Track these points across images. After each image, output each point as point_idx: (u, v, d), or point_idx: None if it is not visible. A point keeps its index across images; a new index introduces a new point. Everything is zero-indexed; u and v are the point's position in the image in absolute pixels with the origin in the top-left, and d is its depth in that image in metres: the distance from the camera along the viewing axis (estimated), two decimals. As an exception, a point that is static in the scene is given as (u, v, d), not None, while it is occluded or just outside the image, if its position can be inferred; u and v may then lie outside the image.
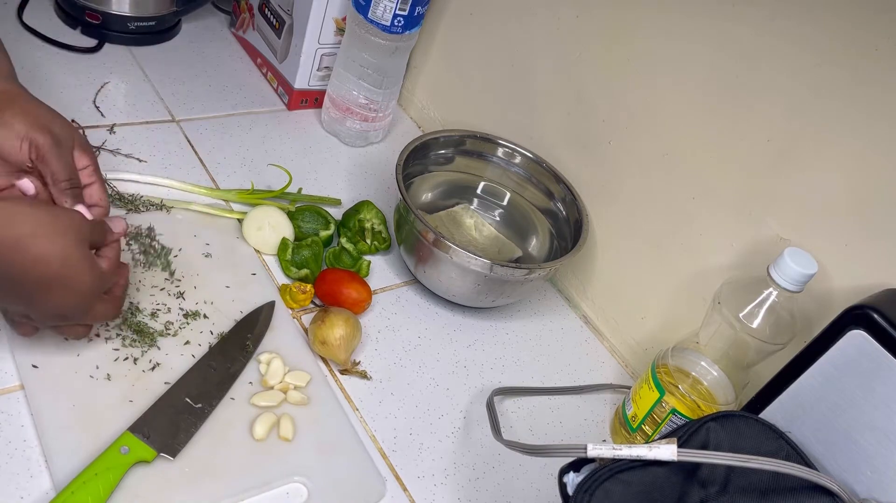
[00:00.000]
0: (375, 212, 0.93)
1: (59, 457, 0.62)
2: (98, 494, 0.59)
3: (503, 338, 0.90)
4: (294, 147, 1.02)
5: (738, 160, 0.79)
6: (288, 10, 1.03)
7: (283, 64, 1.06)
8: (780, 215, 0.76)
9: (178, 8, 1.08)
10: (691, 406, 0.75)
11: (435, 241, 0.82)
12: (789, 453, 0.62)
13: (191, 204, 0.86)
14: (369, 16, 0.94)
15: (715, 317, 0.73)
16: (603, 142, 0.92)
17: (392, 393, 0.79)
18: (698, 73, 0.81)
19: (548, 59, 0.97)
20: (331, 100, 1.04)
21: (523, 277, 0.84)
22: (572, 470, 0.61)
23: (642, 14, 0.85)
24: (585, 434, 0.83)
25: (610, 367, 0.92)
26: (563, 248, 0.93)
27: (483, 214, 1.01)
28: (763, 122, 0.76)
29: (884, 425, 0.62)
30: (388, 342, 0.84)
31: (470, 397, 0.82)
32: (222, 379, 0.72)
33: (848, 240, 0.72)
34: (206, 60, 1.09)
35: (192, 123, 0.99)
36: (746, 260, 0.79)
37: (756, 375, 0.75)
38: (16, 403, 0.65)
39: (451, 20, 1.09)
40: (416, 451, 0.75)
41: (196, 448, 0.66)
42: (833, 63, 0.70)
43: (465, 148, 0.99)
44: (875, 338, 0.61)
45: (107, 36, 1.04)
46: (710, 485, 0.58)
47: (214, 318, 0.77)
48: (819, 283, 0.72)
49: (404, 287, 0.91)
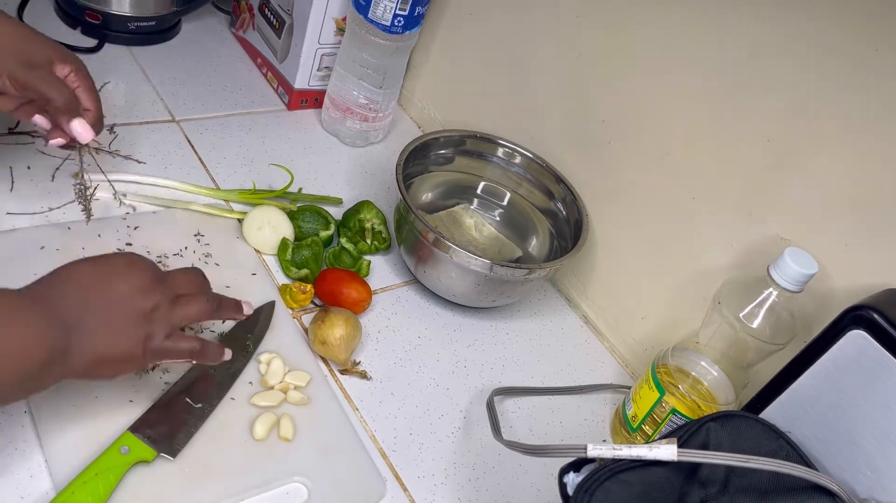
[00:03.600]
0: (375, 212, 0.93)
1: (59, 457, 0.62)
2: (98, 494, 0.59)
3: (503, 338, 0.90)
4: (294, 147, 1.02)
5: (738, 160, 0.79)
6: (288, 10, 1.03)
7: (284, 64, 1.06)
8: (780, 215, 0.76)
9: (178, 8, 1.08)
10: (691, 406, 0.75)
11: (435, 241, 0.82)
12: (789, 453, 0.62)
13: (191, 204, 0.86)
14: (369, 16, 0.94)
15: (715, 317, 0.73)
16: (603, 142, 0.92)
17: (392, 393, 0.79)
18: (698, 73, 0.81)
19: (548, 58, 0.97)
20: (331, 100, 1.04)
21: (523, 277, 0.84)
22: (572, 470, 0.61)
23: (642, 14, 0.85)
24: (585, 434, 0.83)
25: (610, 367, 0.92)
26: (563, 248, 0.93)
27: (483, 214, 1.01)
28: (763, 122, 0.76)
29: (884, 425, 0.62)
30: (388, 342, 0.84)
31: (470, 397, 0.82)
32: (222, 379, 0.72)
33: (848, 240, 0.72)
34: (206, 60, 1.09)
35: (192, 123, 0.99)
36: (746, 260, 0.79)
37: (756, 375, 0.75)
38: (16, 403, 0.65)
39: (451, 20, 1.09)
40: (416, 451, 0.75)
41: (196, 448, 0.66)
42: (833, 63, 0.70)
43: (465, 148, 0.99)
44: (875, 338, 0.61)
45: (107, 36, 1.04)
46: (710, 485, 0.58)
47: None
48: (819, 283, 0.72)
49: (404, 287, 0.91)
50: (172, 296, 0.62)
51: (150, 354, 0.60)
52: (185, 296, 0.63)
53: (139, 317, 0.59)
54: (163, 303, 0.61)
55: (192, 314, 0.63)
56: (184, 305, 0.62)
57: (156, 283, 0.61)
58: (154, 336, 0.60)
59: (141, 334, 0.59)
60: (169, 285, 0.62)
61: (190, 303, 0.63)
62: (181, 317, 0.62)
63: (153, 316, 0.60)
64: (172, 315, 0.61)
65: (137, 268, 0.61)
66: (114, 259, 0.62)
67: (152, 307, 0.60)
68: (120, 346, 0.59)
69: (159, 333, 0.60)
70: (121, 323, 0.59)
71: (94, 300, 0.58)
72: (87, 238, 0.78)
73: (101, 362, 0.58)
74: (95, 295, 0.58)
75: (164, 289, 0.61)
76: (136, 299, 0.59)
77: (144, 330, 0.59)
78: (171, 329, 0.61)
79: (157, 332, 0.60)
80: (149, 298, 0.60)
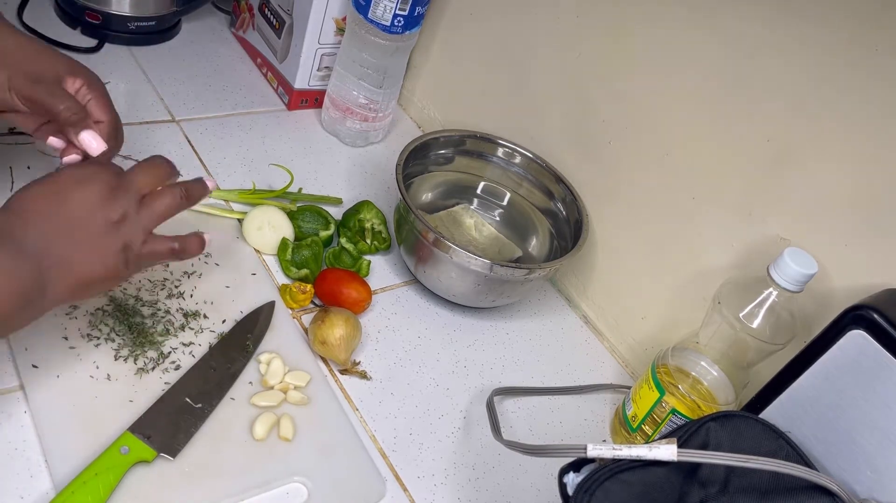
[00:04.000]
0: (375, 212, 0.93)
1: (59, 457, 0.62)
2: (98, 494, 0.59)
3: (503, 338, 0.90)
4: (294, 147, 1.02)
5: (738, 160, 0.79)
6: (288, 10, 1.03)
7: (283, 64, 1.06)
8: (780, 215, 0.76)
9: (178, 8, 1.08)
10: (691, 406, 0.75)
11: (435, 241, 0.82)
12: (789, 453, 0.62)
13: (191, 204, 0.86)
14: (369, 16, 0.94)
15: (715, 317, 0.73)
16: (603, 142, 0.92)
17: (392, 393, 0.79)
18: (698, 73, 0.81)
19: (548, 58, 0.97)
20: (331, 100, 1.04)
21: (523, 277, 0.84)
22: (572, 470, 0.61)
23: (642, 14, 0.85)
24: (585, 434, 0.83)
25: (610, 367, 0.92)
26: (563, 248, 0.93)
27: (483, 214, 1.01)
28: (763, 122, 0.76)
29: (884, 425, 0.62)
30: (388, 342, 0.84)
31: (470, 397, 0.82)
32: (222, 379, 0.72)
33: (848, 240, 0.72)
34: (206, 60, 1.09)
35: (192, 123, 0.99)
36: (746, 260, 0.79)
37: (756, 375, 0.75)
38: (16, 403, 0.65)
39: (451, 20, 1.09)
40: (416, 451, 0.75)
41: (196, 448, 0.66)
42: (833, 63, 0.70)
43: (465, 148, 0.99)
44: (875, 338, 0.61)
45: (107, 36, 1.04)
46: (710, 485, 0.58)
47: (214, 318, 0.77)
48: (819, 283, 0.72)
49: (404, 287, 0.91)
50: (138, 198, 0.59)
51: (132, 265, 0.59)
52: (151, 194, 0.61)
53: (109, 230, 0.57)
54: (130, 209, 0.58)
55: (162, 211, 0.61)
56: (151, 204, 0.60)
57: (116, 190, 0.58)
58: (130, 245, 0.58)
59: (116, 246, 0.57)
60: (131, 187, 0.60)
61: (158, 200, 0.60)
62: (152, 218, 0.60)
63: (123, 224, 0.58)
64: (142, 218, 0.59)
65: (93, 178, 0.58)
66: (65, 175, 0.58)
67: (120, 216, 0.57)
68: (98, 265, 0.57)
69: (135, 241, 0.58)
70: (92, 241, 0.56)
71: (57, 224, 0.56)
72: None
73: (83, 285, 0.57)
74: (57, 219, 0.56)
75: (126, 194, 0.59)
76: (100, 212, 0.57)
77: (118, 241, 0.57)
78: (145, 234, 0.59)
79: (132, 240, 0.58)
80: (113, 207, 0.57)
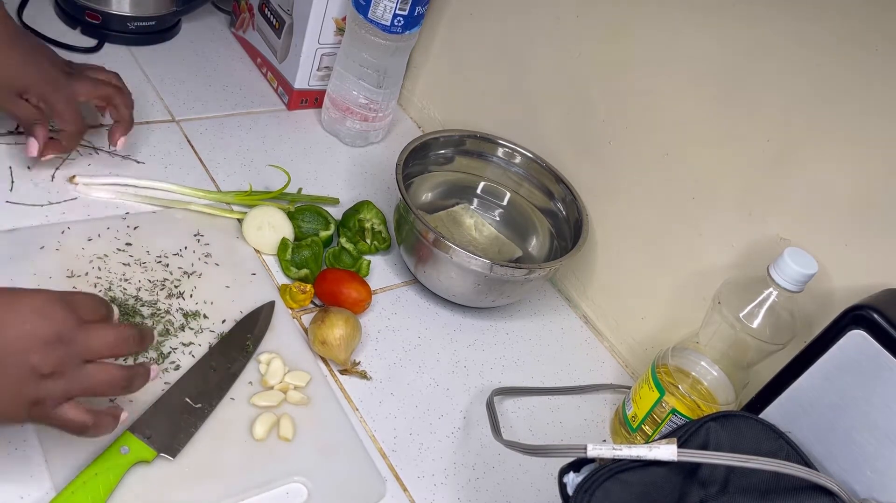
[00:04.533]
0: (375, 212, 0.93)
1: (59, 457, 0.62)
2: (98, 494, 0.59)
3: (503, 338, 0.90)
4: (294, 147, 1.02)
5: (737, 160, 0.79)
6: (288, 10, 1.03)
7: (283, 64, 1.06)
8: (780, 215, 0.76)
9: (178, 8, 1.08)
10: (691, 406, 0.75)
11: (435, 241, 0.82)
12: (789, 453, 0.62)
13: (190, 204, 0.86)
14: (369, 16, 0.94)
15: (715, 317, 0.73)
16: (603, 142, 0.92)
17: (392, 393, 0.79)
18: (698, 73, 0.81)
19: (548, 58, 0.97)
20: (331, 100, 1.04)
21: (523, 277, 0.84)
22: (572, 470, 0.61)
23: (642, 14, 0.85)
24: (585, 434, 0.83)
25: (610, 367, 0.92)
26: (563, 248, 0.93)
27: (483, 214, 1.01)
28: (763, 122, 0.76)
29: (884, 425, 0.62)
30: (388, 342, 0.84)
31: (470, 397, 0.82)
32: (222, 379, 0.72)
33: (848, 240, 0.72)
34: (206, 60, 1.09)
35: (192, 123, 0.99)
36: (746, 260, 0.79)
37: (756, 375, 0.75)
38: None
39: (451, 20, 1.09)
40: (416, 451, 0.75)
41: (196, 448, 0.66)
42: (833, 63, 0.70)
43: (465, 148, 0.99)
44: (875, 338, 0.61)
45: (107, 36, 1.04)
46: (710, 485, 0.58)
47: (214, 318, 0.77)
48: (819, 283, 0.72)
49: (404, 287, 0.91)
50: (80, 360, 0.53)
51: (32, 419, 0.53)
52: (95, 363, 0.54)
53: (30, 380, 0.51)
54: (65, 368, 0.52)
55: (94, 387, 0.54)
56: (89, 374, 0.53)
57: (62, 342, 0.52)
58: (43, 402, 0.52)
59: (28, 397, 0.51)
60: (80, 343, 0.53)
61: (97, 373, 0.54)
62: (81, 388, 0.53)
63: (48, 380, 0.51)
64: (72, 383, 0.53)
65: (47, 317, 0.52)
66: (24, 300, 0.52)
67: (50, 371, 0.51)
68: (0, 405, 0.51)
69: (50, 401, 0.52)
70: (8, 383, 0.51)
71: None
72: (86, 238, 0.78)
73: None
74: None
75: (70, 350, 0.52)
76: (34, 356, 0.51)
77: (33, 393, 0.51)
78: (64, 398, 0.53)
79: (47, 399, 0.52)
80: (49, 360, 0.51)
